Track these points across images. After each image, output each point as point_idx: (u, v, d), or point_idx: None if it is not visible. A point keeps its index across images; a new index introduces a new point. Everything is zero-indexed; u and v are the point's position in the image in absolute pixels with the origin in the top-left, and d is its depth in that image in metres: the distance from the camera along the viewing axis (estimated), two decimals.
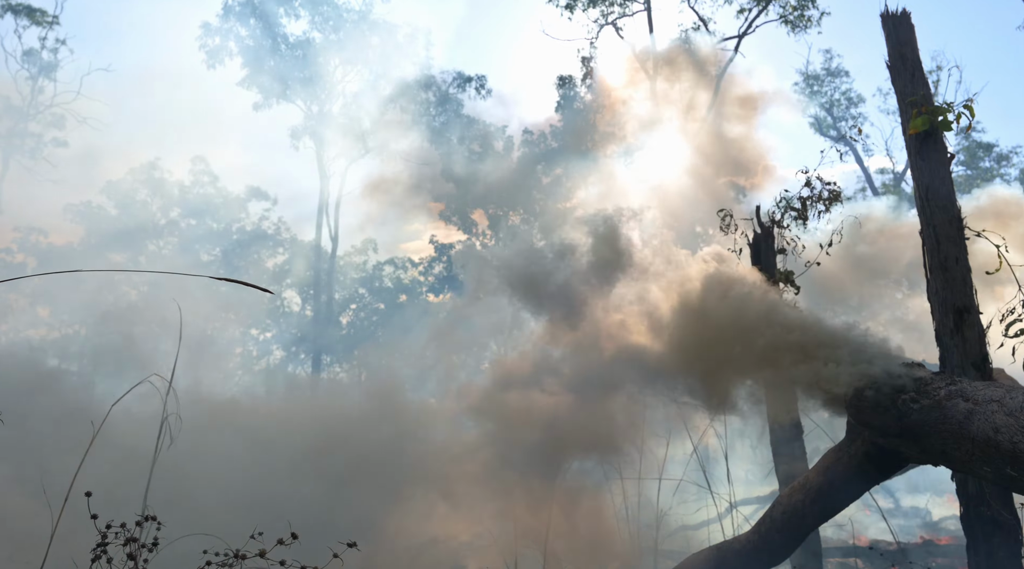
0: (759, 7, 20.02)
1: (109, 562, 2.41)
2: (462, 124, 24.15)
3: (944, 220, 4.91)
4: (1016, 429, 3.19)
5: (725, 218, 6.96)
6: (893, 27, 5.24)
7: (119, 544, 2.53)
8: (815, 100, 24.90)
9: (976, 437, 3.36)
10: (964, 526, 4.86)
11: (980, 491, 4.74)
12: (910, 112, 5.03)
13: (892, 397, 3.89)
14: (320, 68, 23.30)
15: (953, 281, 4.79)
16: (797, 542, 4.98)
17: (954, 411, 3.55)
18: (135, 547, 2.44)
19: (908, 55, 5.16)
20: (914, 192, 5.19)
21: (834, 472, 4.55)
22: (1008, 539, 4.58)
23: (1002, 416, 3.30)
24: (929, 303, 4.97)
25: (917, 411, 3.76)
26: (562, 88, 23.38)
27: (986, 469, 3.38)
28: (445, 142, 24.14)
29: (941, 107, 4.95)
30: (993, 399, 3.43)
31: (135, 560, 2.35)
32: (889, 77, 5.34)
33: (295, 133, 24.11)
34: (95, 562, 2.70)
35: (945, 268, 4.84)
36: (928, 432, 3.70)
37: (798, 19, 19.66)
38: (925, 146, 5.01)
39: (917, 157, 5.06)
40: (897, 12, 5.24)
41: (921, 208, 5.04)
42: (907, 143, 5.16)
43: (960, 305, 4.74)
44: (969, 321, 4.73)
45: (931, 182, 4.97)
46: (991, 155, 25.84)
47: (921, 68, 5.19)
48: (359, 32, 23.39)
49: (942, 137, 5.04)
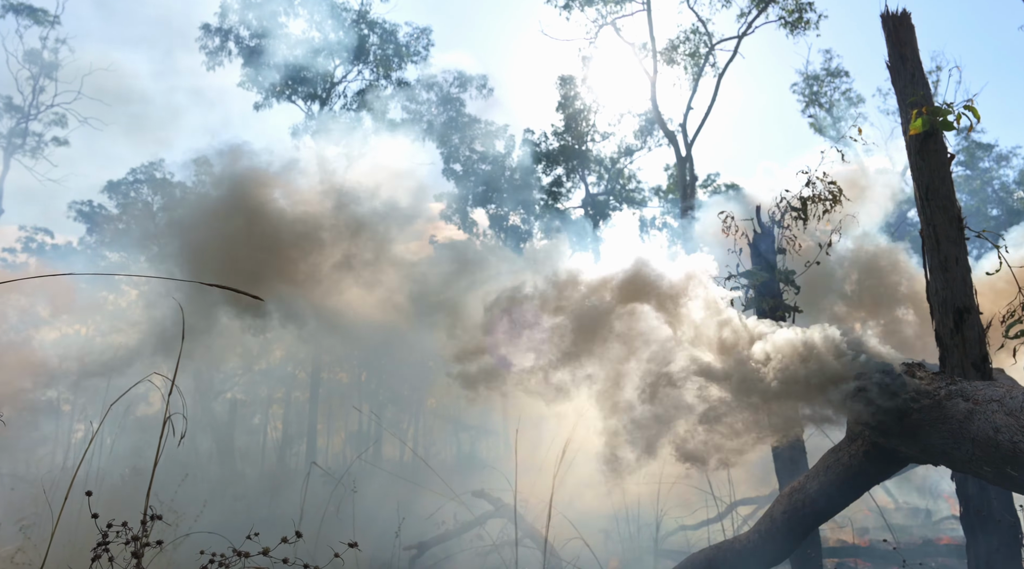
0: (758, 9, 20.03)
1: (111, 561, 2.41)
2: (463, 124, 24.15)
3: (944, 220, 4.91)
4: (1016, 429, 3.20)
5: (726, 220, 6.97)
6: (893, 28, 5.24)
7: (121, 542, 2.53)
8: (815, 100, 24.90)
9: (976, 437, 3.37)
10: (964, 526, 4.87)
11: (980, 491, 4.75)
12: (910, 113, 5.03)
13: (892, 397, 3.90)
14: (320, 68, 23.30)
15: (953, 281, 4.79)
16: (797, 542, 4.98)
17: (954, 411, 3.56)
18: (138, 546, 2.44)
19: (908, 56, 5.17)
20: (914, 192, 5.19)
21: (834, 472, 4.56)
22: (1008, 539, 4.59)
23: (1002, 416, 3.31)
24: (929, 303, 4.97)
25: (917, 411, 3.76)
26: (563, 88, 23.39)
27: (986, 469, 3.39)
28: (446, 142, 24.15)
29: (941, 108, 4.95)
30: (993, 399, 3.44)
31: (139, 558, 2.35)
32: (889, 77, 5.35)
33: (295, 132, 24.12)
34: (95, 561, 2.70)
35: (945, 268, 4.84)
36: (928, 432, 3.70)
37: (797, 22, 19.67)
38: (925, 146, 5.01)
39: (917, 157, 5.07)
40: (897, 13, 5.24)
41: (921, 208, 5.04)
42: (907, 143, 5.16)
43: (960, 305, 4.74)
44: (969, 321, 4.73)
45: (931, 182, 4.97)
46: (991, 155, 25.85)
47: (921, 69, 5.20)
48: (359, 32, 23.39)
49: (942, 137, 5.04)
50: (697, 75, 21.17)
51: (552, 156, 23.64)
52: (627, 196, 23.78)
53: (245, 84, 22.84)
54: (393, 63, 23.61)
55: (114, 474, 10.83)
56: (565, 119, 23.60)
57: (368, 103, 23.19)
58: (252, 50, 22.45)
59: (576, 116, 23.48)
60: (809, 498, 4.68)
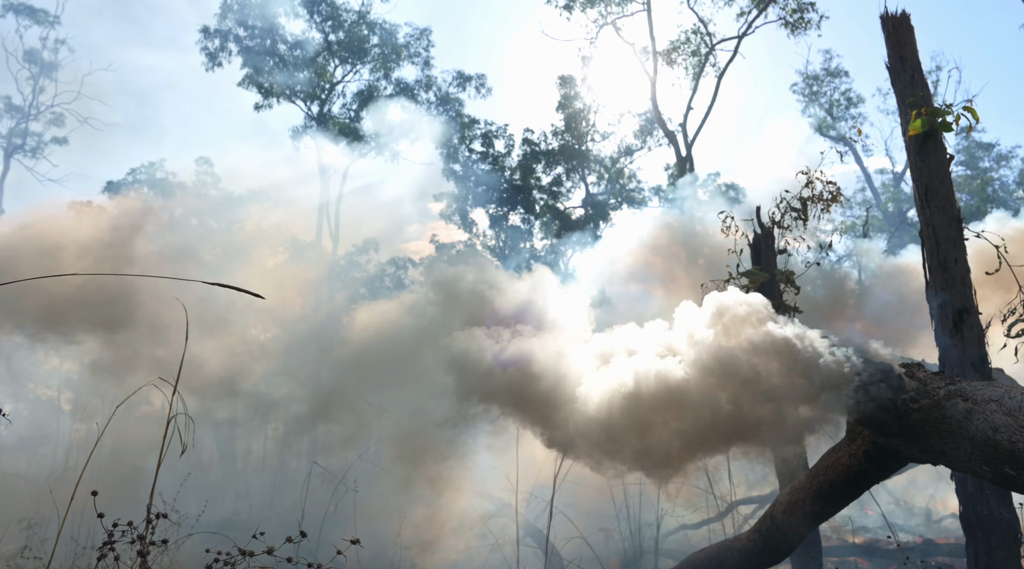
0: (758, 9, 20.04)
1: (116, 560, 2.43)
2: (462, 123, 24.16)
3: (944, 220, 4.94)
4: (1015, 429, 3.22)
5: (726, 220, 6.98)
6: (892, 29, 5.26)
7: (127, 542, 2.55)
8: (815, 100, 24.92)
9: (975, 437, 3.39)
10: (963, 525, 4.89)
11: (979, 490, 4.77)
12: (910, 114, 5.05)
13: (892, 397, 3.91)
14: (320, 68, 23.32)
15: (953, 281, 4.81)
16: (797, 541, 5.00)
17: (953, 411, 3.58)
18: (144, 545, 2.46)
19: (907, 57, 5.19)
20: (914, 193, 5.21)
21: (834, 471, 4.57)
22: (1007, 538, 4.61)
23: (1001, 416, 3.32)
24: (928, 303, 4.99)
25: (916, 411, 3.78)
26: (563, 88, 23.39)
27: (985, 469, 3.41)
28: (445, 141, 24.17)
29: (941, 109, 4.97)
30: (992, 399, 3.46)
31: (144, 557, 2.37)
32: (889, 78, 5.37)
33: (295, 133, 24.14)
34: (101, 560, 2.72)
35: (945, 268, 4.86)
36: (927, 432, 3.72)
37: (797, 22, 19.68)
38: (925, 147, 5.03)
39: (917, 158, 5.09)
40: (896, 14, 5.26)
41: (921, 208, 5.06)
42: (907, 144, 5.18)
43: (960, 305, 4.76)
44: (969, 321, 4.75)
45: (931, 182, 4.99)
46: (991, 155, 25.86)
47: (920, 70, 5.22)
48: (359, 32, 23.41)
49: (942, 138, 5.06)
50: (697, 75, 21.19)
51: (552, 156, 23.65)
52: (627, 196, 23.79)
53: (245, 84, 22.87)
54: (392, 63, 23.63)
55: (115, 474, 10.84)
56: (565, 119, 23.61)
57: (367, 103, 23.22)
58: (252, 50, 22.46)
59: (576, 116, 23.49)
60: (809, 498, 4.70)
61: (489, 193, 23.95)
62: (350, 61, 23.68)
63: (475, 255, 13.87)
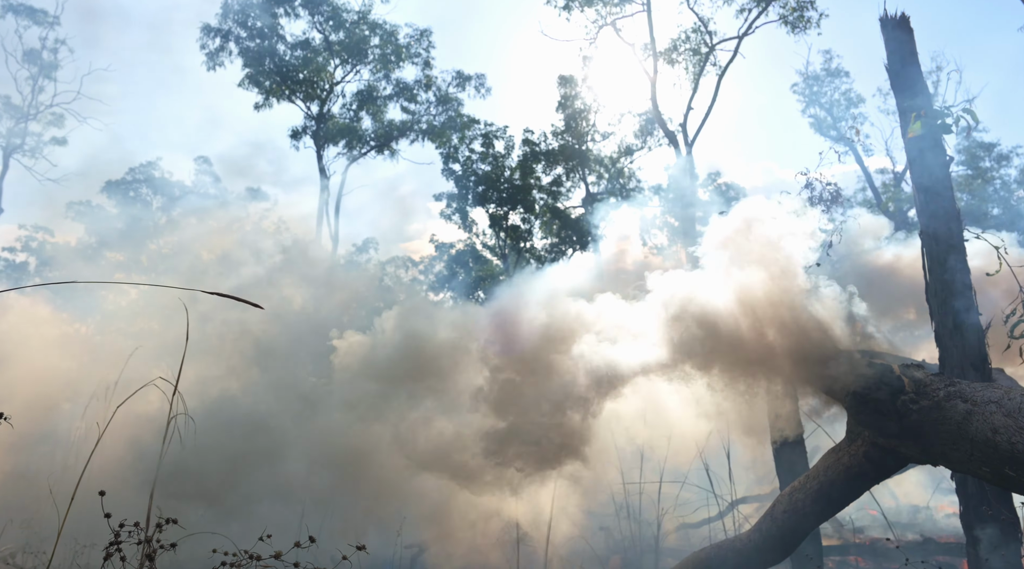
0: (759, 8, 20.03)
1: (123, 561, 2.44)
2: (462, 123, 24.16)
3: (944, 221, 4.95)
4: (1014, 430, 3.23)
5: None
6: (892, 31, 5.27)
7: (133, 542, 2.56)
8: (815, 101, 24.91)
9: (975, 437, 3.40)
10: (964, 525, 4.90)
11: (980, 490, 4.78)
12: (909, 116, 5.06)
13: (892, 398, 3.92)
14: (320, 68, 23.31)
15: (953, 282, 4.82)
16: (798, 541, 5.01)
17: (953, 412, 3.59)
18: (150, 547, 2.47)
19: (907, 58, 5.19)
20: (914, 193, 5.22)
21: (834, 471, 4.59)
22: (1007, 538, 4.62)
23: (1000, 417, 3.34)
24: (928, 304, 5.00)
25: (916, 412, 3.79)
26: (563, 88, 23.39)
27: (984, 469, 3.42)
28: (445, 141, 24.17)
29: (940, 111, 4.98)
30: (991, 400, 3.47)
31: (152, 559, 2.38)
32: (888, 79, 5.38)
33: (295, 133, 24.14)
34: (107, 560, 2.73)
35: (945, 268, 4.87)
36: (927, 432, 3.73)
37: (798, 20, 19.66)
38: (924, 148, 5.04)
39: (917, 159, 5.10)
40: (896, 16, 5.27)
41: (921, 209, 5.08)
42: (907, 145, 5.19)
43: (960, 306, 4.77)
44: (969, 322, 4.76)
45: (931, 183, 5.00)
46: (991, 155, 25.87)
47: (920, 72, 5.23)
48: (359, 33, 23.40)
49: (941, 139, 5.07)
50: (697, 75, 21.18)
51: (552, 156, 23.66)
52: (627, 195, 23.79)
53: (245, 84, 22.88)
54: (392, 64, 23.62)
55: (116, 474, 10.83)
56: (565, 119, 23.60)
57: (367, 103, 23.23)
58: (252, 51, 22.46)
59: (576, 116, 23.49)
60: (810, 497, 4.71)
61: (488, 193, 23.96)
62: (350, 61, 23.67)
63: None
